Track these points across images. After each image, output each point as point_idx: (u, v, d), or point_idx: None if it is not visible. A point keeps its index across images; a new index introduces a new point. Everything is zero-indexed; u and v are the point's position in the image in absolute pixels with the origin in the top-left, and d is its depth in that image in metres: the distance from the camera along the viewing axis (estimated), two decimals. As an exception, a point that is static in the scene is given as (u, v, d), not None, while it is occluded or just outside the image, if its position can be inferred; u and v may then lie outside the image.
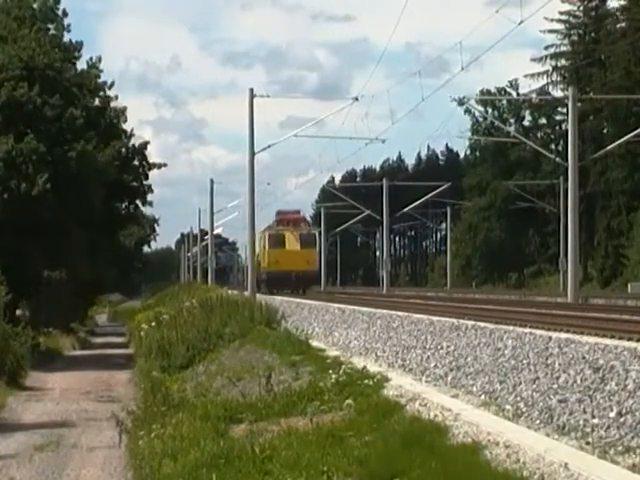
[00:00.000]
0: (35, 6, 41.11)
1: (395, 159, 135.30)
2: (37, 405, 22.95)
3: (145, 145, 48.25)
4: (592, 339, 14.68)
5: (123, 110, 44.83)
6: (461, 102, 67.17)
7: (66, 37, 41.62)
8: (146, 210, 51.73)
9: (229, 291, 40.78)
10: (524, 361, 13.28)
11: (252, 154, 39.71)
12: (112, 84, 43.88)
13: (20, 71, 36.40)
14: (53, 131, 36.43)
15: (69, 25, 41.68)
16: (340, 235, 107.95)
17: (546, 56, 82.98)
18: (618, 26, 76.08)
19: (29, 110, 35.89)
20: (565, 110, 69.30)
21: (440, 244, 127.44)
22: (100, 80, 43.21)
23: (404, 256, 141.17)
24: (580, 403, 10.33)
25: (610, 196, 71.35)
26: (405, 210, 79.47)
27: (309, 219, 68.55)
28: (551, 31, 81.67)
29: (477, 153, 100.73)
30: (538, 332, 16.11)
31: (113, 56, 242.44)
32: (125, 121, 45.52)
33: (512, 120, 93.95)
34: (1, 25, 38.84)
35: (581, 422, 9.68)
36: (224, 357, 21.87)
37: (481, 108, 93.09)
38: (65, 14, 41.53)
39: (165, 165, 50.57)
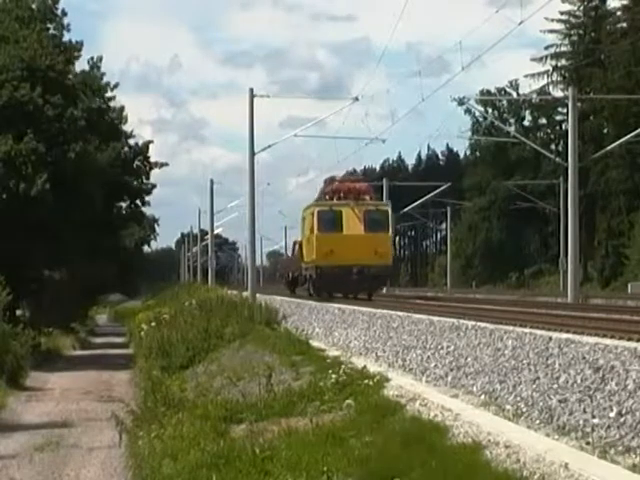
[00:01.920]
0: (34, 6, 41.09)
1: (395, 159, 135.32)
2: (37, 405, 22.96)
3: (147, 145, 48.32)
4: (592, 339, 14.66)
5: (122, 109, 44.85)
6: (461, 102, 67.08)
7: (66, 37, 41.69)
8: (145, 210, 51.72)
9: (229, 291, 40.81)
10: (524, 361, 13.28)
11: (252, 154, 39.70)
12: (116, 85, 43.95)
13: (21, 72, 36.40)
14: (53, 131, 36.44)
15: (68, 25, 41.73)
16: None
17: (546, 56, 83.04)
18: (618, 26, 76.12)
19: (30, 110, 35.90)
20: (565, 110, 69.34)
21: (440, 244, 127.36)
22: (103, 81, 43.28)
23: (404, 256, 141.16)
24: (580, 403, 10.33)
25: (610, 196, 71.37)
26: (405, 210, 79.42)
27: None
28: (551, 31, 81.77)
29: (477, 153, 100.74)
30: (538, 332, 16.09)
31: (113, 56, 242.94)
32: (125, 122, 45.59)
33: (512, 120, 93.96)
34: (2, 25, 38.84)
35: (581, 422, 9.68)
36: (224, 357, 21.87)
37: (481, 108, 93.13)
38: (64, 14, 41.56)
39: (167, 164, 50.64)
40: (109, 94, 43.61)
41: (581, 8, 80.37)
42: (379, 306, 29.47)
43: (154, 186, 48.94)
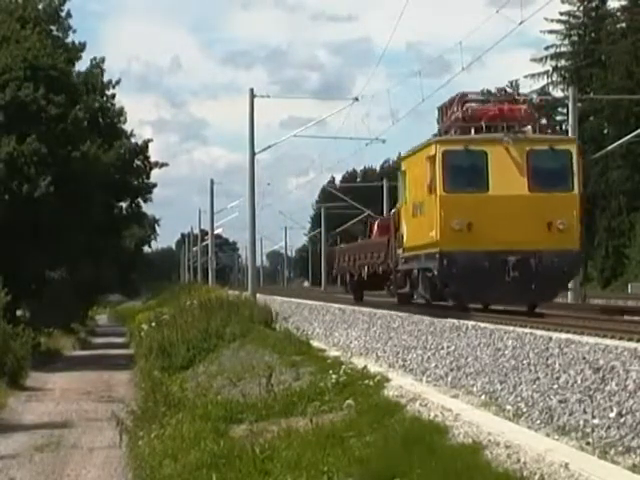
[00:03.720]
0: (40, 7, 41.19)
1: (395, 159, 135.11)
2: (37, 405, 22.96)
3: (147, 144, 48.30)
4: (592, 339, 14.67)
5: (121, 110, 44.91)
6: (461, 102, 67.01)
7: (70, 38, 41.81)
8: (147, 208, 51.66)
9: (229, 291, 40.82)
10: (524, 361, 13.28)
11: (252, 154, 39.68)
12: (118, 81, 44.03)
13: (24, 72, 36.43)
14: (56, 132, 36.45)
15: (70, 27, 41.84)
16: (340, 235, 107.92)
17: (546, 56, 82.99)
18: (618, 26, 76.13)
19: (32, 111, 35.93)
20: (565, 110, 69.31)
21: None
22: (104, 79, 43.38)
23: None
24: (580, 403, 10.33)
25: (610, 196, 71.32)
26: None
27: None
28: (551, 31, 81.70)
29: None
30: (538, 332, 16.10)
31: (114, 57, 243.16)
32: (125, 122, 45.63)
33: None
34: (4, 26, 38.90)
35: (581, 422, 9.68)
36: (224, 357, 21.88)
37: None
38: (69, 15, 41.70)
39: (167, 164, 50.56)
40: (110, 91, 43.69)
41: (581, 8, 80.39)
42: (379, 306, 29.41)
43: (154, 185, 48.94)
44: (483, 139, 22.84)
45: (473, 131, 23.28)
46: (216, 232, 78.69)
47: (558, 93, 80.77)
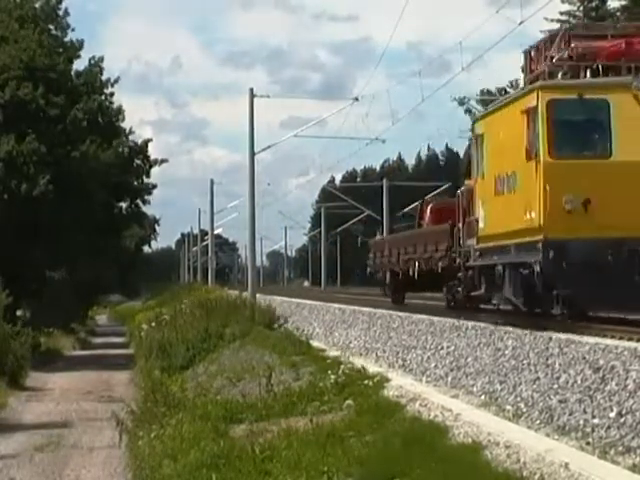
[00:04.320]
0: (37, 5, 41.18)
1: (395, 159, 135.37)
2: (37, 405, 22.97)
3: (147, 143, 48.19)
4: (592, 339, 14.67)
5: (119, 109, 44.84)
6: (461, 102, 67.16)
7: (69, 37, 41.77)
8: (147, 209, 51.48)
9: (229, 291, 40.83)
10: (524, 361, 13.29)
11: (252, 154, 39.65)
12: (117, 80, 43.93)
13: (22, 71, 36.43)
14: (55, 132, 36.44)
15: (69, 25, 41.81)
16: (340, 235, 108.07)
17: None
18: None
19: (32, 110, 35.92)
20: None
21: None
22: (103, 77, 43.32)
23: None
24: (580, 403, 10.33)
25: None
26: (405, 210, 79.29)
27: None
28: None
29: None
30: (538, 332, 16.10)
31: (114, 57, 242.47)
32: (123, 120, 45.53)
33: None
34: (2, 25, 38.88)
35: (581, 422, 9.68)
36: (224, 357, 21.88)
37: (481, 108, 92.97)
38: (67, 14, 41.66)
39: (166, 160, 50.22)
40: (109, 90, 43.61)
41: (581, 8, 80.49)
42: (379, 306, 29.39)
43: (154, 186, 48.78)
44: (604, 84, 17.09)
45: (589, 72, 17.47)
46: (216, 232, 78.72)
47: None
